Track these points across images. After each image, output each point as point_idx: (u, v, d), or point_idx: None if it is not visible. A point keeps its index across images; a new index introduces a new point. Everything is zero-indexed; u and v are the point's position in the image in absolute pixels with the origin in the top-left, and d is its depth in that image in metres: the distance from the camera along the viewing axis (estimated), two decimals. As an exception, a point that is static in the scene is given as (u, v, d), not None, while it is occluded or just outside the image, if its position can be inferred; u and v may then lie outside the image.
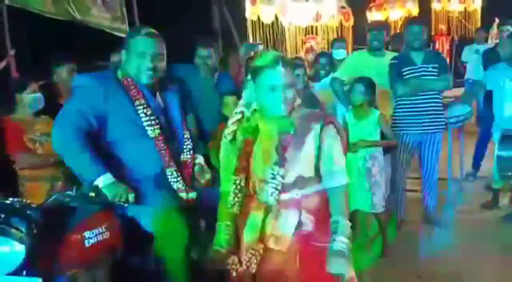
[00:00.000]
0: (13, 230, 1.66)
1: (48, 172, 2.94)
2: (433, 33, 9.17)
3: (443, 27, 9.11)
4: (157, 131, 2.18)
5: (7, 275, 1.64)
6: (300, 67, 3.70)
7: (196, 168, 2.39)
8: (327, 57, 4.41)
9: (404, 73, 3.55)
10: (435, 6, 9.46)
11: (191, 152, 2.35)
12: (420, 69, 3.57)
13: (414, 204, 3.98)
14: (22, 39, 4.94)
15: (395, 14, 9.37)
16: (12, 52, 4.16)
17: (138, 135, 2.15)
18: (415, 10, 9.04)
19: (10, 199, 1.78)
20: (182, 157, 2.32)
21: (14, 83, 3.19)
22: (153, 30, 2.25)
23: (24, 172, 2.93)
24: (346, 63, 4.03)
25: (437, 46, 8.71)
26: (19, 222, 1.69)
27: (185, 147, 2.33)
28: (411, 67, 3.55)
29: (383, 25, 4.00)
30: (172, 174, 2.22)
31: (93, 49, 3.69)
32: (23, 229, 1.68)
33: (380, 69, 3.62)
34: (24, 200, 1.81)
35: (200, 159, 2.46)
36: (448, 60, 5.64)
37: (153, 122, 2.17)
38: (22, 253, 1.65)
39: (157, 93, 2.28)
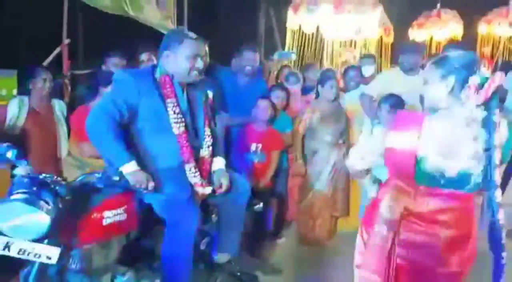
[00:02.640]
0: (42, 202, 1.86)
1: None
2: (477, 56, 8.91)
3: (486, 50, 8.84)
4: (182, 128, 2.35)
5: (30, 241, 1.84)
6: (332, 79, 3.79)
7: (215, 175, 2.51)
8: (356, 70, 4.47)
9: None
10: (482, 28, 9.20)
11: (210, 148, 2.51)
12: None
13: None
14: (77, 29, 5.26)
15: (439, 34, 9.20)
16: (66, 41, 4.48)
17: (163, 130, 2.33)
18: (459, 31, 8.83)
19: (43, 174, 1.99)
20: (201, 152, 2.48)
21: (101, 76, 3.31)
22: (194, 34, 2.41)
23: (90, 160, 3.06)
24: (377, 80, 4.06)
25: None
26: (48, 196, 1.90)
27: (204, 143, 2.49)
28: None
29: (416, 47, 3.98)
30: (190, 170, 2.38)
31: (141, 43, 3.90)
32: (51, 202, 1.89)
33: (412, 89, 3.63)
34: (55, 176, 2.01)
35: (220, 163, 2.58)
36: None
37: (179, 119, 2.34)
38: (47, 223, 1.86)
39: (185, 91, 2.45)
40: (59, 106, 3.42)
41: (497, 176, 1.69)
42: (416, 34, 9.66)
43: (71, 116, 3.28)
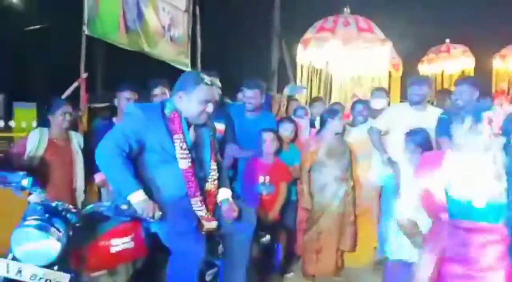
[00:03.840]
0: (53, 229, 1.95)
1: None
2: (493, 91, 8.99)
3: (503, 85, 8.87)
4: (188, 164, 2.44)
5: (40, 267, 1.92)
6: (340, 113, 3.88)
7: (223, 206, 2.59)
8: (363, 104, 4.54)
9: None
10: (496, 64, 9.29)
11: (216, 182, 2.59)
12: None
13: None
14: (95, 65, 5.46)
15: (451, 68, 9.31)
16: (84, 75, 4.66)
17: (170, 163, 2.42)
18: (471, 65, 8.92)
19: (56, 202, 2.08)
20: (207, 185, 2.56)
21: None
22: (209, 78, 2.55)
23: None
24: (385, 113, 4.11)
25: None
26: (60, 223, 2.00)
27: (210, 177, 2.57)
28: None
29: (424, 80, 4.05)
30: (196, 203, 2.45)
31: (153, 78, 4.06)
32: (62, 230, 1.98)
33: (420, 123, 3.65)
34: (66, 205, 2.10)
35: (227, 194, 2.65)
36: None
37: (185, 155, 2.43)
38: (58, 250, 1.94)
39: (192, 127, 2.55)
40: (76, 138, 3.55)
41: None
42: (426, 69, 9.80)
43: None
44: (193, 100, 2.45)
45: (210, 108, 2.49)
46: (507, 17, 9.66)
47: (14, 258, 1.94)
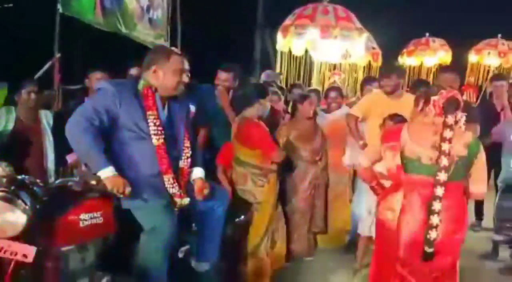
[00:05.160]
0: (19, 201, 1.93)
1: (275, 165, 3.41)
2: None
3: (471, 79, 9.13)
4: (161, 140, 2.42)
5: (5, 239, 1.89)
6: (310, 98, 3.92)
7: (196, 184, 2.60)
8: (336, 91, 4.61)
9: None
10: (472, 58, 9.53)
11: (189, 160, 2.58)
12: None
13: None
14: (68, 45, 5.35)
15: (429, 61, 9.53)
16: (57, 55, 4.57)
17: (143, 141, 2.40)
18: (447, 59, 9.14)
19: (22, 175, 2.05)
20: (180, 163, 2.55)
21: (257, 88, 3.62)
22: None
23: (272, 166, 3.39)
24: (363, 101, 4.18)
25: (464, 97, 8.73)
26: (26, 196, 1.97)
27: (183, 154, 2.57)
28: None
29: (392, 71, 4.12)
30: (169, 180, 2.45)
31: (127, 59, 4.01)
32: (28, 202, 1.95)
33: (396, 110, 3.71)
34: (33, 178, 2.07)
35: (200, 173, 2.66)
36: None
37: (159, 132, 2.42)
38: (23, 222, 1.91)
39: (166, 105, 2.53)
40: (45, 117, 3.50)
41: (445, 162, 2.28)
42: (406, 60, 9.98)
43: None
44: (168, 72, 2.44)
45: (185, 78, 2.49)
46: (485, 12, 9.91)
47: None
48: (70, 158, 3.41)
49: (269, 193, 3.46)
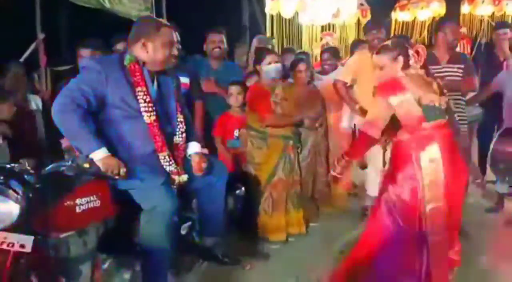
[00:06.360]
0: (11, 191, 1.85)
1: (283, 131, 3.40)
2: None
3: (464, 30, 8.90)
4: (153, 117, 2.32)
5: (0, 231, 1.83)
6: (303, 62, 3.80)
7: (193, 159, 2.53)
8: (330, 52, 4.48)
9: None
10: (464, 9, 9.28)
11: (183, 135, 2.50)
12: (443, 69, 3.57)
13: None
14: (52, 24, 5.18)
15: (422, 15, 9.27)
16: (41, 36, 4.41)
17: (134, 118, 2.31)
18: (441, 11, 8.90)
19: (12, 164, 1.97)
20: (175, 139, 2.47)
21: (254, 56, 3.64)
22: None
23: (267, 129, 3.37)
24: (348, 65, 4.05)
25: (458, 49, 8.56)
26: (17, 185, 1.88)
27: (178, 130, 2.48)
28: (434, 67, 3.41)
29: (380, 23, 3.98)
30: (164, 158, 2.37)
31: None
32: (20, 191, 1.87)
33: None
34: (24, 166, 1.99)
35: (196, 147, 2.59)
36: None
37: (150, 108, 2.31)
38: (17, 212, 1.85)
39: (155, 80, 2.42)
40: (34, 101, 3.43)
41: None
42: (399, 15, 9.72)
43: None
44: (158, 45, 2.32)
45: (176, 51, 2.39)
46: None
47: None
48: (64, 143, 3.34)
49: (269, 157, 3.42)
